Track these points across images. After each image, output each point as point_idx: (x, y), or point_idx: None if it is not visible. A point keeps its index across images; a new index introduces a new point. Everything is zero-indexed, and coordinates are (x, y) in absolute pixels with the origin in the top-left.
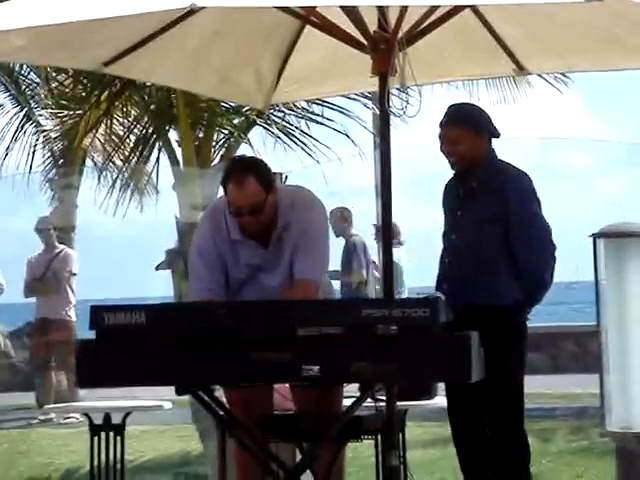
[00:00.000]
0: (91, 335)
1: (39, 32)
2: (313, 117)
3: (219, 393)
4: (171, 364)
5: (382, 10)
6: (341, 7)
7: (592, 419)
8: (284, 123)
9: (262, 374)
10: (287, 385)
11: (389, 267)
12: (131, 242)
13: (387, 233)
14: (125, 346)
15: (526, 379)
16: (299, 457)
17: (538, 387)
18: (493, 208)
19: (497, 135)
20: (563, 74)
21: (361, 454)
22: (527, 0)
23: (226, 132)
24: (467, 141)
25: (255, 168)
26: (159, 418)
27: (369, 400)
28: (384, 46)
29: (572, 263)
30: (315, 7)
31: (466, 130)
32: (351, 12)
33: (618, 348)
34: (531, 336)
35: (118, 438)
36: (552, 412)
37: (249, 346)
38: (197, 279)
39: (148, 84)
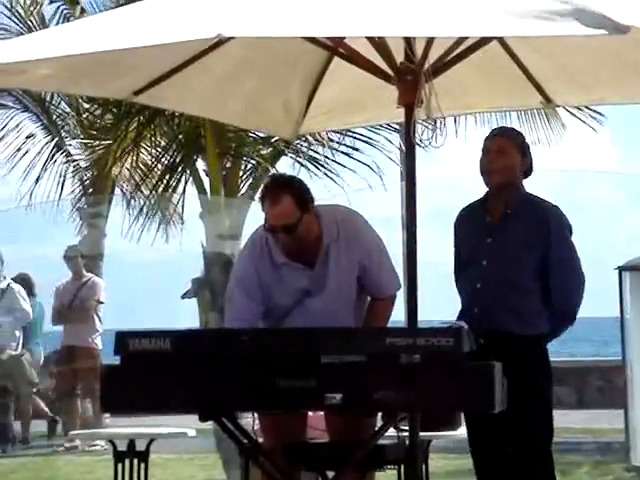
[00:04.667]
0: (117, 362)
1: (69, 61)
2: (339, 148)
3: (249, 421)
4: (195, 390)
5: (409, 41)
6: (368, 38)
7: (617, 454)
8: (311, 153)
9: (285, 401)
10: (320, 414)
11: (413, 297)
12: (158, 271)
13: (412, 263)
14: (150, 372)
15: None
16: None
17: (564, 422)
18: (530, 236)
19: (529, 173)
20: (596, 111)
21: None
22: (551, 32)
23: (254, 162)
24: (512, 155)
25: (292, 187)
26: (184, 446)
27: (393, 430)
28: (410, 77)
29: (598, 297)
30: (343, 38)
31: (514, 144)
32: (378, 43)
33: None
34: (557, 370)
35: (142, 465)
36: (577, 446)
37: (272, 373)
38: (234, 308)
39: (177, 114)
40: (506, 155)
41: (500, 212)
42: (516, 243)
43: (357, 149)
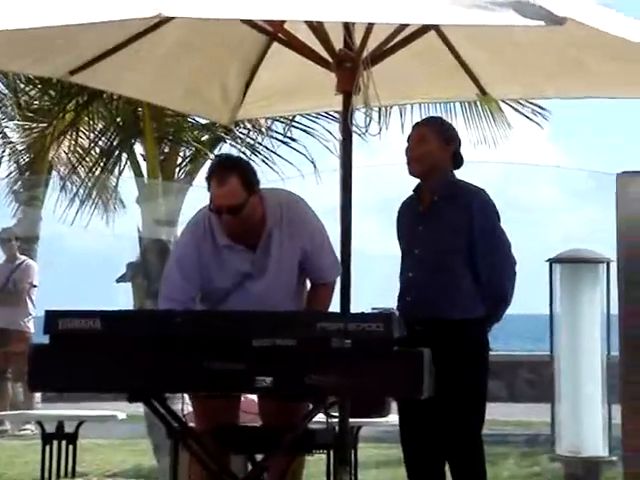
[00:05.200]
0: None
1: (4, 37)
2: (277, 136)
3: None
4: (124, 371)
5: (348, 28)
6: (308, 25)
7: (544, 446)
8: (249, 140)
9: (215, 383)
10: (253, 399)
11: (347, 281)
12: (94, 255)
13: (346, 251)
14: (79, 351)
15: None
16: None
17: (495, 414)
18: (457, 221)
19: (459, 163)
20: (541, 107)
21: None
22: (489, 22)
23: (192, 148)
24: (432, 142)
25: (239, 168)
26: (115, 432)
27: (324, 417)
28: (349, 64)
29: (532, 293)
30: (283, 24)
31: (435, 133)
32: (317, 30)
33: (570, 376)
34: (490, 364)
35: (70, 447)
36: (505, 438)
37: (203, 355)
38: (169, 287)
39: (115, 97)
40: (425, 143)
41: (429, 200)
42: (444, 229)
43: (294, 139)
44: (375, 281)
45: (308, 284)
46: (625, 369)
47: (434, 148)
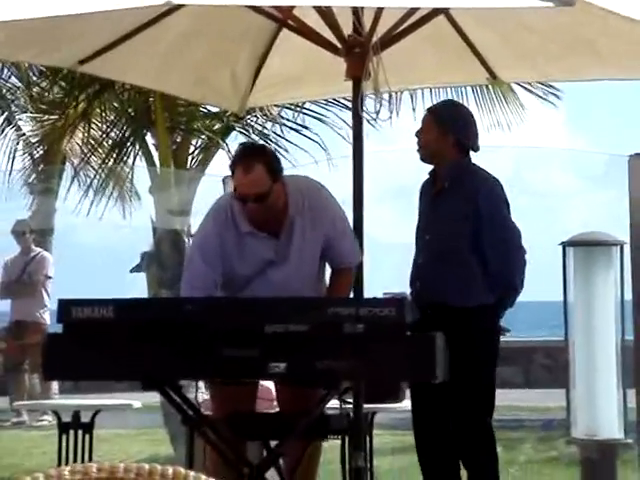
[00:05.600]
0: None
1: (14, 27)
2: (289, 124)
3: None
4: (138, 358)
5: (357, 14)
6: (317, 10)
7: (560, 430)
8: (261, 128)
9: (229, 370)
10: (269, 387)
11: (359, 268)
12: (109, 246)
13: (359, 236)
14: (92, 340)
15: (499, 392)
16: None
17: (510, 400)
18: (463, 208)
19: (468, 148)
20: (553, 86)
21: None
22: (499, 4)
23: (204, 137)
24: (431, 133)
25: (264, 156)
26: (132, 422)
27: (338, 403)
28: (358, 50)
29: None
30: (291, 10)
31: (435, 123)
32: (326, 15)
33: (584, 361)
34: (504, 350)
35: (87, 437)
36: (521, 423)
37: (216, 342)
38: (192, 274)
39: (127, 87)
40: (427, 130)
41: (440, 186)
42: (451, 217)
43: (306, 127)
44: (389, 268)
45: (328, 271)
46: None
47: (433, 136)
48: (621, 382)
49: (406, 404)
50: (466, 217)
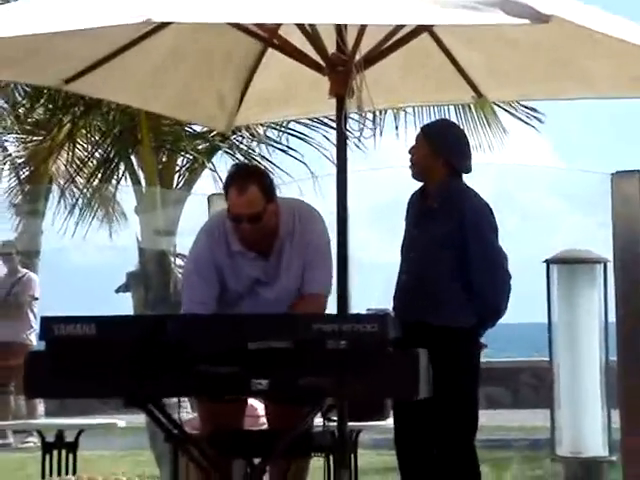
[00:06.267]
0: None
1: None
2: (274, 144)
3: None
4: (120, 376)
5: (340, 31)
6: (300, 29)
7: (545, 449)
8: (247, 149)
9: (212, 387)
10: (252, 404)
11: (343, 283)
12: (95, 267)
13: (342, 252)
14: (75, 357)
15: (486, 412)
16: None
17: (497, 421)
18: (449, 231)
19: (459, 169)
20: (535, 109)
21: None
22: (477, 21)
23: (189, 156)
24: (422, 151)
25: (258, 176)
26: (117, 443)
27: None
28: (342, 68)
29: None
30: (277, 29)
31: (426, 142)
32: (310, 34)
33: (570, 380)
34: (492, 370)
35: (70, 457)
36: (508, 443)
37: (199, 359)
38: (191, 291)
39: (112, 107)
40: (418, 148)
41: (428, 205)
42: (437, 237)
43: (292, 148)
44: (377, 288)
45: None
46: (623, 373)
47: (424, 155)
48: (605, 402)
49: (391, 422)
50: (452, 239)
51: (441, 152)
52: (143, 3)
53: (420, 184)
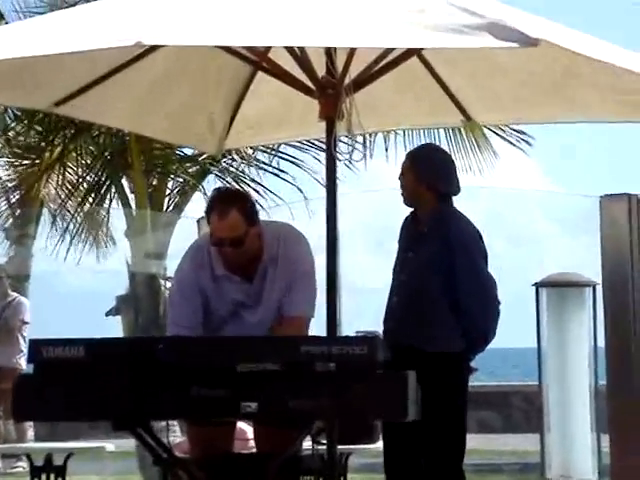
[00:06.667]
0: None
1: None
2: (265, 167)
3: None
4: (108, 399)
5: (330, 55)
6: (290, 52)
7: (535, 472)
8: (237, 172)
9: (200, 410)
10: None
11: (332, 305)
12: (85, 291)
13: (332, 272)
14: (63, 380)
15: (478, 437)
16: None
17: (489, 445)
18: (438, 255)
19: (446, 193)
20: (524, 132)
21: None
22: (466, 44)
23: (180, 180)
24: (407, 178)
25: (239, 200)
26: (107, 468)
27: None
28: (331, 91)
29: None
30: (267, 52)
31: (410, 168)
32: (300, 57)
33: (559, 404)
34: (483, 395)
35: None
36: (499, 467)
37: (188, 381)
38: (175, 314)
39: (102, 130)
40: (404, 175)
41: (419, 229)
42: (426, 261)
43: (283, 170)
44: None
45: None
46: (612, 396)
47: (409, 181)
48: (595, 426)
49: (381, 446)
50: (441, 263)
51: (425, 177)
52: (134, 26)
53: (407, 211)
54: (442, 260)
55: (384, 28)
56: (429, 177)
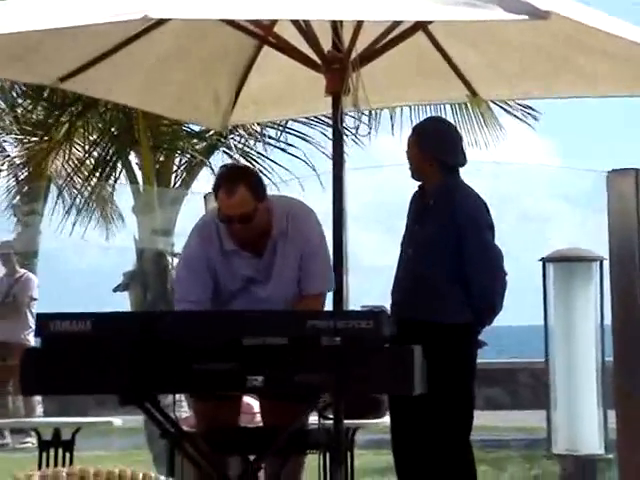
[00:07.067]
0: None
1: None
2: (273, 142)
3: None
4: (115, 373)
5: (336, 29)
6: (296, 27)
7: (542, 448)
8: (245, 148)
9: (206, 384)
10: (248, 402)
11: (339, 281)
12: (93, 267)
13: (339, 246)
14: (70, 354)
15: (485, 413)
16: None
17: (495, 421)
18: (444, 228)
19: (451, 165)
20: (530, 107)
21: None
22: (475, 17)
23: (187, 156)
24: (413, 151)
25: (246, 177)
26: (115, 443)
27: (318, 418)
28: (337, 66)
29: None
30: (272, 27)
31: (415, 141)
32: (306, 32)
33: (566, 381)
34: (490, 371)
35: (67, 456)
36: (507, 443)
37: (195, 355)
38: (183, 290)
39: (109, 107)
40: (409, 149)
41: (425, 202)
42: (433, 234)
43: (292, 145)
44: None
45: None
46: (618, 373)
47: (414, 154)
48: (601, 402)
49: (387, 421)
50: (447, 235)
51: (428, 149)
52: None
53: (414, 188)
54: (448, 232)
55: (391, 1)
56: (434, 149)
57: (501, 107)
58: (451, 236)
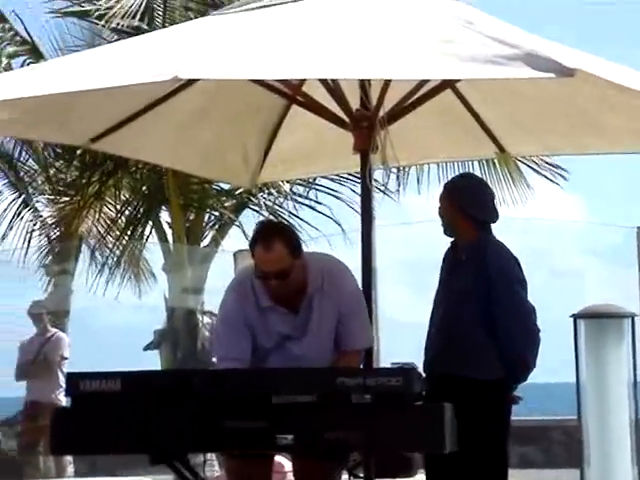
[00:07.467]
0: None
1: (26, 106)
2: (301, 199)
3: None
4: (145, 432)
5: (364, 88)
6: (324, 85)
7: None
8: (274, 206)
9: (236, 442)
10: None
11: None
12: (124, 326)
13: (369, 302)
14: (100, 413)
15: (519, 472)
16: None
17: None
18: (476, 283)
19: (483, 221)
20: (559, 166)
21: None
22: (502, 75)
23: (217, 214)
24: (444, 207)
25: (283, 233)
26: None
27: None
28: (366, 124)
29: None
30: (300, 86)
31: (446, 199)
32: (334, 90)
33: (599, 438)
34: (523, 429)
35: None
36: None
37: (224, 414)
38: (223, 348)
39: (140, 166)
40: (440, 205)
41: (458, 258)
42: (464, 290)
43: (320, 202)
44: (408, 347)
45: None
46: None
47: (445, 209)
48: (635, 459)
49: (418, 477)
50: (479, 291)
51: (459, 205)
52: (170, 61)
53: (445, 243)
54: (479, 286)
55: (419, 60)
56: (464, 205)
57: (529, 167)
58: (483, 291)
